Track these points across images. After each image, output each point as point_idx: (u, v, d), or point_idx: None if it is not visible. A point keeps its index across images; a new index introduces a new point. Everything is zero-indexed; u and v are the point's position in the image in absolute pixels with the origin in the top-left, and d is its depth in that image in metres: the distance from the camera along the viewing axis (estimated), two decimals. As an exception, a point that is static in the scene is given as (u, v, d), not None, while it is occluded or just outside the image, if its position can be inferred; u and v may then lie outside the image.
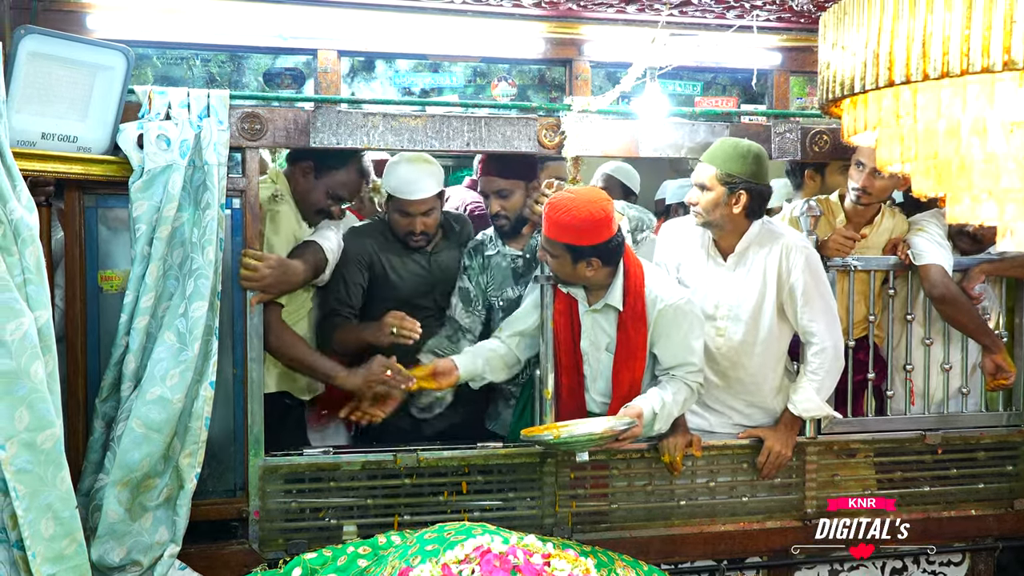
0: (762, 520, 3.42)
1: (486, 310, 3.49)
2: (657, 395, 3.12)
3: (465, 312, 3.45)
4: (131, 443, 2.70)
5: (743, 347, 3.28)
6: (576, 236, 2.94)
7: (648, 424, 3.09)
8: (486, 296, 3.47)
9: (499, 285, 3.45)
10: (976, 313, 3.44)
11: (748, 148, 3.11)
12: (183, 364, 2.73)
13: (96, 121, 2.75)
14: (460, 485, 3.17)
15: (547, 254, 3.04)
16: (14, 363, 2.25)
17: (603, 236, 2.96)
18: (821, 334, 3.22)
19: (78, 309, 2.86)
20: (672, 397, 3.12)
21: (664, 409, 3.10)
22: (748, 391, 3.37)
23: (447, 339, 3.44)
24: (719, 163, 3.09)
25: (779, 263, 3.20)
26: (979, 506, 3.60)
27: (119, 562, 2.72)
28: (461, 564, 2.34)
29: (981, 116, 1.56)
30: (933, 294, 3.40)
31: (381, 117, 3.04)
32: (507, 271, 3.43)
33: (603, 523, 3.30)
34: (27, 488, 2.28)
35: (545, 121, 3.16)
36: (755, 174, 3.11)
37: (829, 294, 3.27)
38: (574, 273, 3.03)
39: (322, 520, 3.09)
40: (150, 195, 2.75)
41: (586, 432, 2.98)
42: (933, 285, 3.39)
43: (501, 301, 3.45)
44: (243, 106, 2.94)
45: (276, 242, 3.14)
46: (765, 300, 3.23)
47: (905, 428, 3.54)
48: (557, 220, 2.94)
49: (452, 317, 3.47)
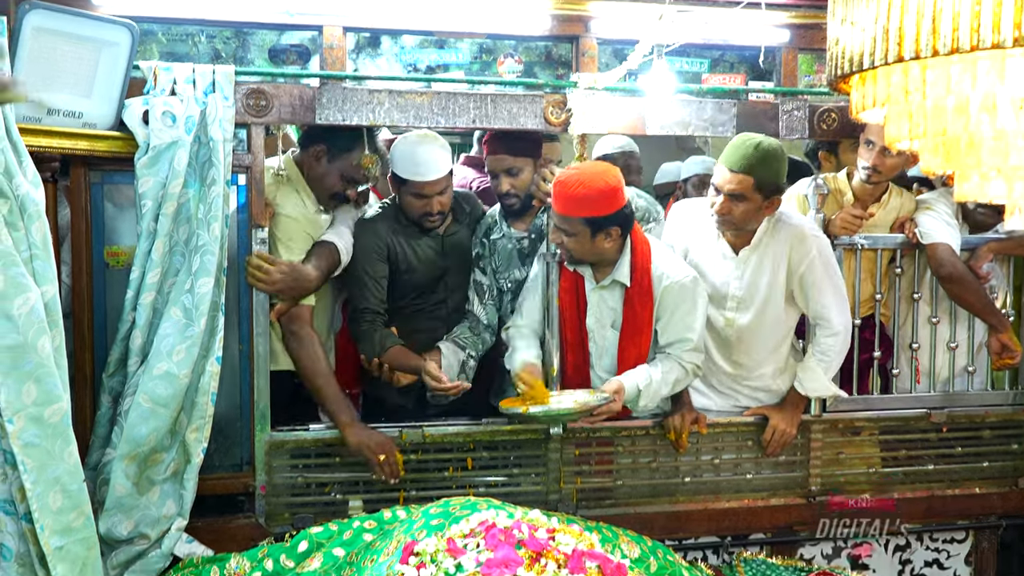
0: (766, 497, 3.43)
1: (499, 295, 3.47)
2: (645, 372, 3.12)
3: (481, 306, 3.43)
4: (138, 418, 2.71)
5: (750, 334, 3.29)
6: (594, 207, 2.94)
7: (632, 400, 3.09)
8: (497, 282, 3.46)
9: (506, 267, 3.43)
10: (983, 292, 3.43)
11: (777, 151, 3.06)
12: (189, 340, 2.74)
13: (101, 97, 2.75)
14: (465, 461, 3.19)
15: (562, 233, 3.02)
16: (21, 338, 2.26)
17: (619, 203, 2.98)
18: (833, 319, 3.23)
19: (84, 285, 2.87)
20: (661, 376, 3.12)
21: (650, 387, 3.09)
22: (754, 374, 3.38)
23: (469, 330, 3.41)
24: (756, 172, 3.03)
25: (790, 253, 3.19)
26: (983, 484, 3.61)
27: (127, 535, 2.75)
28: (466, 538, 2.35)
29: (991, 92, 1.55)
30: (940, 273, 3.39)
31: (387, 94, 3.02)
32: (512, 253, 3.42)
33: (607, 499, 3.31)
34: (35, 462, 2.30)
35: (551, 98, 3.14)
36: (785, 174, 3.10)
37: (840, 279, 3.26)
38: (592, 248, 3.02)
39: (328, 495, 3.11)
40: (156, 171, 2.75)
41: (557, 407, 2.99)
42: (940, 264, 3.38)
43: (509, 283, 3.44)
44: (248, 82, 2.93)
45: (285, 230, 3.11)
46: (774, 289, 3.23)
47: (910, 407, 3.55)
48: (572, 195, 2.93)
49: (472, 312, 3.45)
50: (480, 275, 3.44)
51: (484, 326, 3.42)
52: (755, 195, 3.06)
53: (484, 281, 3.44)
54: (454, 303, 3.48)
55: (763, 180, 3.04)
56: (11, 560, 2.38)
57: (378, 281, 3.32)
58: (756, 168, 3.03)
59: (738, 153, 3.05)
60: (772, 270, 3.21)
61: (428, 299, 3.43)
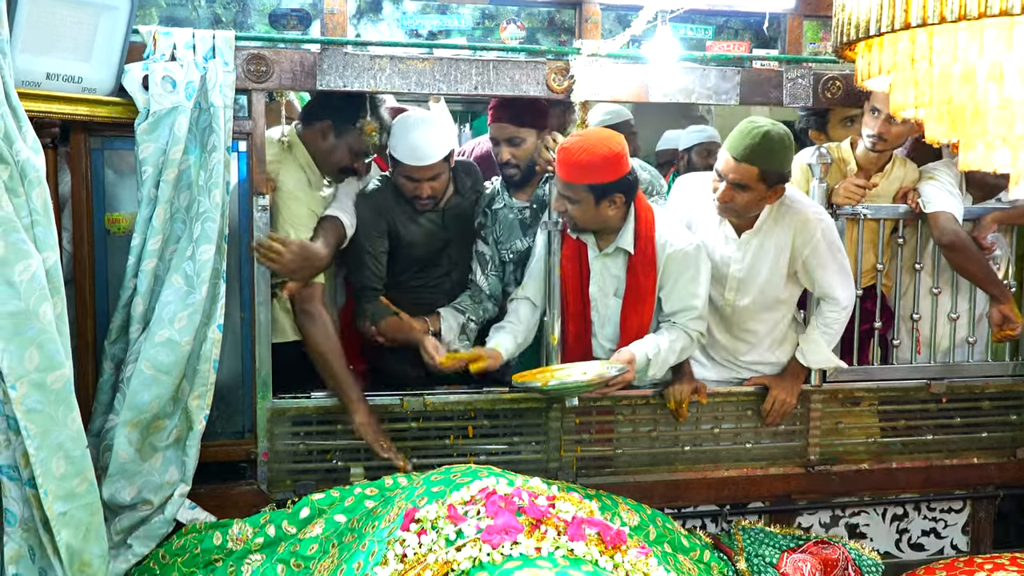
0: (765, 466, 3.45)
1: (502, 266, 3.46)
2: (653, 341, 3.12)
3: (483, 276, 3.42)
4: (140, 385, 2.72)
5: (750, 313, 3.30)
6: (598, 174, 2.93)
7: (641, 370, 3.09)
8: (499, 252, 3.45)
9: (507, 238, 3.42)
10: (985, 262, 3.42)
11: (784, 139, 3.00)
12: (191, 307, 2.74)
13: (101, 62, 2.73)
14: (466, 429, 3.20)
15: (566, 201, 3.01)
16: (23, 304, 2.26)
17: (624, 170, 2.97)
18: (839, 296, 3.23)
19: (85, 251, 2.87)
20: (668, 344, 3.12)
21: (659, 355, 3.10)
22: (754, 349, 3.39)
23: (470, 298, 3.41)
24: (761, 162, 2.98)
25: (793, 237, 3.18)
26: (981, 454, 3.63)
27: (130, 500, 2.77)
28: (467, 505, 2.36)
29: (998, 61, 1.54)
30: (942, 241, 3.38)
31: (388, 60, 3.00)
32: (514, 223, 3.41)
33: (607, 468, 3.33)
34: (38, 427, 2.31)
35: (554, 65, 3.11)
36: (791, 162, 3.08)
37: (844, 256, 3.25)
38: (596, 215, 3.01)
39: (330, 462, 3.13)
40: (156, 137, 2.73)
41: (575, 379, 2.99)
42: (943, 232, 3.36)
43: (511, 254, 3.43)
44: (248, 48, 2.90)
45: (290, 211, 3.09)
46: (775, 273, 3.23)
47: (910, 377, 3.55)
48: (576, 162, 2.92)
49: (474, 282, 3.44)
50: (482, 245, 3.43)
51: (487, 296, 3.41)
52: (759, 185, 3.02)
53: (486, 251, 3.43)
54: (457, 276, 3.47)
55: (768, 170, 3.00)
56: (16, 525, 2.40)
57: (377, 257, 3.31)
58: (760, 158, 2.97)
59: (744, 142, 2.98)
60: (774, 254, 3.20)
61: (431, 273, 3.42)
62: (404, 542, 2.31)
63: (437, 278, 3.43)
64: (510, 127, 3.30)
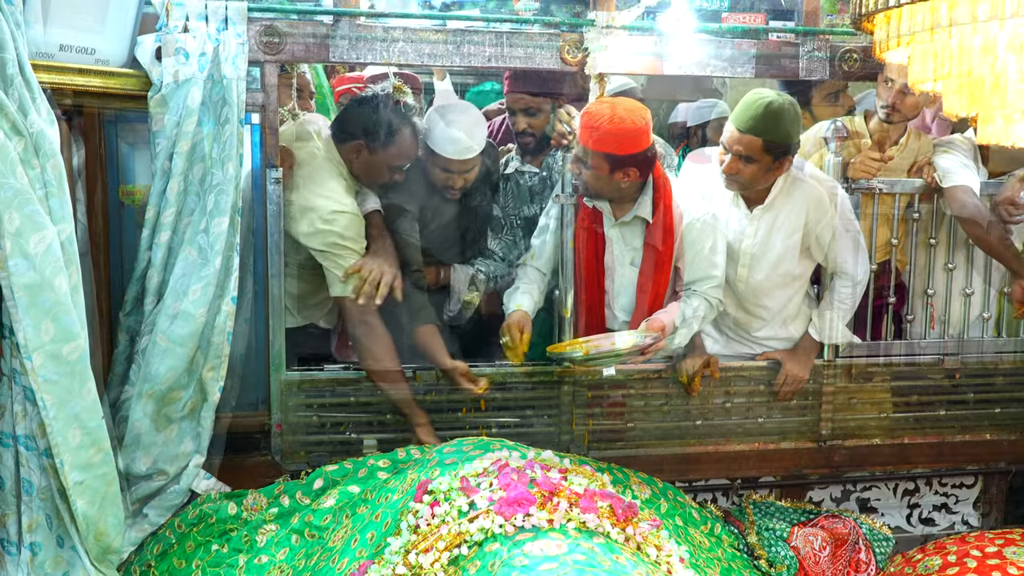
0: (777, 441, 3.45)
1: (512, 230, 3.47)
2: (678, 308, 3.14)
3: (496, 239, 3.44)
4: (155, 356, 2.74)
5: (764, 288, 3.29)
6: (617, 145, 2.93)
7: (669, 338, 3.10)
8: (508, 216, 3.45)
9: (515, 203, 3.45)
10: (1006, 235, 3.37)
11: (789, 111, 2.99)
12: (205, 279, 2.75)
13: (114, 33, 2.72)
14: (479, 402, 3.21)
15: (581, 164, 3.02)
16: (38, 276, 2.27)
17: (642, 145, 2.97)
18: (852, 271, 3.23)
19: (100, 223, 2.88)
20: (692, 312, 3.14)
21: (685, 323, 3.12)
22: (768, 324, 3.38)
23: (481, 255, 3.46)
24: (766, 134, 2.97)
25: (807, 211, 3.16)
26: (994, 431, 3.62)
27: (146, 471, 2.80)
28: (479, 477, 2.38)
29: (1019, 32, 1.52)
30: (961, 214, 3.33)
31: (401, 31, 2.98)
32: (524, 189, 3.42)
33: (619, 441, 3.34)
34: (54, 398, 2.33)
35: (568, 37, 3.09)
36: (798, 133, 3.06)
37: (858, 231, 3.24)
38: (609, 183, 3.02)
39: (343, 434, 3.15)
40: (169, 109, 2.73)
41: (612, 348, 2.99)
42: (962, 205, 3.31)
43: (519, 220, 3.44)
44: (261, 19, 2.89)
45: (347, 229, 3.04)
46: (789, 248, 3.22)
47: (924, 353, 3.54)
48: (598, 128, 2.92)
49: (489, 248, 3.46)
50: (496, 209, 3.46)
51: (499, 257, 3.44)
52: (764, 156, 3.01)
53: (500, 216, 3.46)
54: (470, 238, 3.49)
55: (772, 142, 2.99)
56: (33, 494, 2.43)
57: (416, 244, 3.29)
58: (765, 129, 2.97)
59: (747, 113, 2.99)
60: (788, 229, 3.19)
61: (451, 251, 3.43)
62: (417, 513, 2.33)
63: (455, 255, 3.44)
64: (526, 97, 3.32)
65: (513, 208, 3.44)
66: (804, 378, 3.37)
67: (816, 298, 3.43)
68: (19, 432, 2.41)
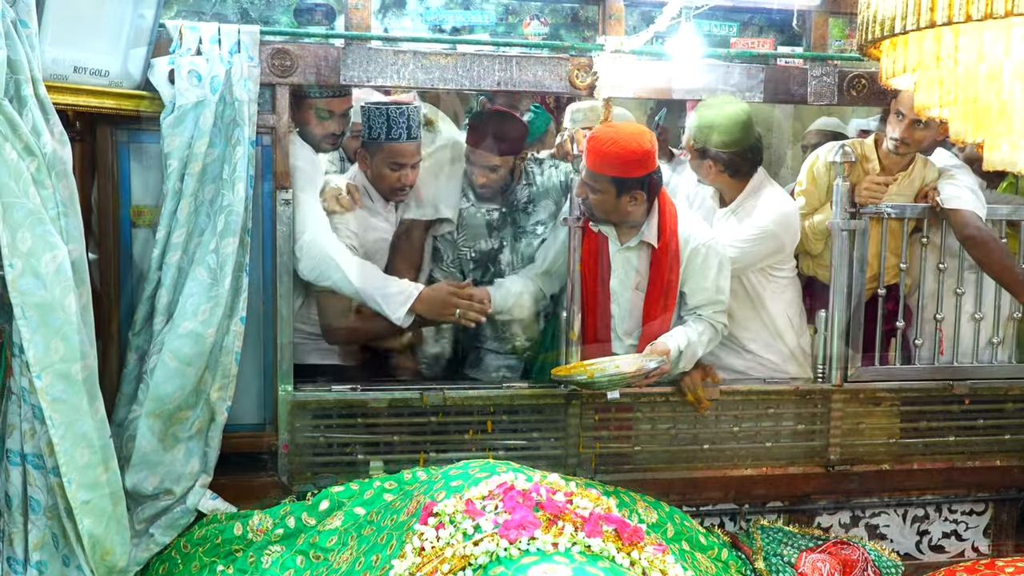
0: (785, 466, 3.43)
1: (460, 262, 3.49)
2: (683, 333, 3.14)
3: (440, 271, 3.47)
4: (163, 376, 2.75)
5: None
6: (624, 168, 2.96)
7: (674, 362, 3.11)
8: (458, 250, 3.47)
9: (471, 237, 3.45)
10: (1010, 259, 3.36)
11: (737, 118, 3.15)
12: (214, 299, 2.76)
13: (127, 55, 2.75)
14: (485, 424, 3.20)
15: (588, 189, 3.04)
16: (49, 295, 2.29)
17: (649, 168, 3.00)
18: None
19: (111, 243, 2.90)
20: (697, 336, 3.15)
21: (689, 348, 3.13)
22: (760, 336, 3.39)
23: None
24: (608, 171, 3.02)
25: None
26: (1004, 457, 3.59)
27: (152, 490, 2.80)
28: (485, 500, 2.37)
29: (1024, 59, 1.52)
30: (964, 234, 3.32)
31: (411, 55, 3.01)
32: (481, 222, 3.44)
33: (626, 464, 3.33)
34: (62, 417, 2.34)
35: (577, 61, 3.11)
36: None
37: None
38: (616, 207, 3.04)
39: (350, 455, 3.14)
40: (181, 131, 2.76)
41: (617, 371, 3.01)
42: (964, 225, 3.31)
43: (473, 252, 3.46)
44: (273, 42, 2.92)
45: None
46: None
47: (933, 378, 3.52)
48: (604, 152, 2.95)
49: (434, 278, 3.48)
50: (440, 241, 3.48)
51: None
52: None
53: (438, 245, 3.48)
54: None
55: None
56: (40, 512, 2.44)
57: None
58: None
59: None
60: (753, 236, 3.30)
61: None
62: (422, 535, 2.32)
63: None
64: (491, 156, 3.32)
65: (469, 241, 3.45)
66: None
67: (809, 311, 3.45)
68: (27, 450, 2.42)
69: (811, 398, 3.41)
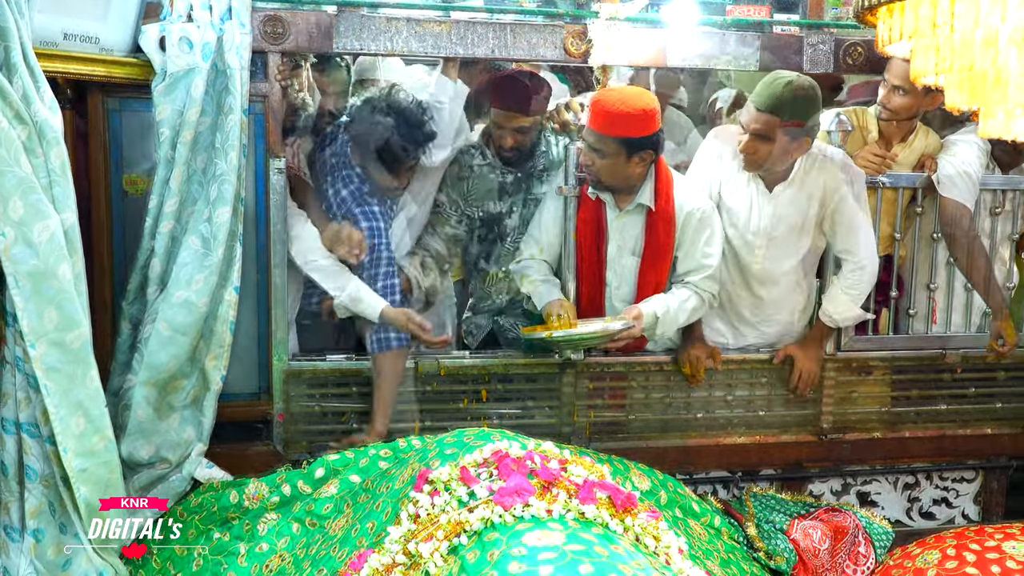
0: (777, 434, 3.46)
1: (468, 220, 3.45)
2: (662, 300, 3.15)
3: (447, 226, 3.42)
4: (158, 345, 2.75)
5: (777, 268, 3.28)
6: (633, 127, 2.95)
7: (650, 328, 3.12)
8: (467, 207, 3.43)
9: (480, 197, 3.42)
10: (987, 267, 3.37)
11: (808, 91, 3.00)
12: (208, 268, 2.76)
13: (118, 22, 2.73)
14: (480, 393, 3.22)
15: (596, 155, 3.01)
16: (42, 264, 2.28)
17: (656, 126, 3.00)
18: (861, 253, 3.23)
19: (103, 212, 2.89)
20: (679, 304, 3.15)
21: (668, 314, 3.13)
22: (774, 310, 3.37)
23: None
24: (784, 113, 2.98)
25: (824, 188, 3.17)
26: (995, 425, 3.62)
27: (148, 459, 2.81)
28: (479, 467, 2.38)
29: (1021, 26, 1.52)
30: (946, 231, 3.38)
31: (404, 22, 2.98)
32: (494, 184, 3.41)
33: (620, 433, 3.35)
34: (57, 386, 2.34)
35: (572, 28, 3.09)
36: (817, 113, 3.07)
37: (868, 216, 3.24)
38: (625, 170, 3.03)
39: (345, 424, 3.16)
40: (173, 99, 2.74)
41: (579, 331, 3.03)
42: (947, 222, 3.36)
43: (481, 212, 3.43)
44: (265, 8, 2.89)
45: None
46: (806, 223, 3.22)
47: (925, 347, 3.54)
48: (612, 112, 2.94)
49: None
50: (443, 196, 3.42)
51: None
52: (781, 136, 3.02)
53: (443, 200, 3.41)
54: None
55: (790, 121, 2.99)
56: (36, 481, 2.45)
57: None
58: (783, 109, 2.98)
59: (766, 92, 3.01)
60: (804, 207, 3.19)
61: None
62: (417, 502, 2.33)
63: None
64: (521, 117, 3.30)
65: (477, 200, 3.41)
66: (816, 372, 3.37)
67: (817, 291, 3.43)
68: (22, 419, 2.42)
69: (804, 367, 3.42)
